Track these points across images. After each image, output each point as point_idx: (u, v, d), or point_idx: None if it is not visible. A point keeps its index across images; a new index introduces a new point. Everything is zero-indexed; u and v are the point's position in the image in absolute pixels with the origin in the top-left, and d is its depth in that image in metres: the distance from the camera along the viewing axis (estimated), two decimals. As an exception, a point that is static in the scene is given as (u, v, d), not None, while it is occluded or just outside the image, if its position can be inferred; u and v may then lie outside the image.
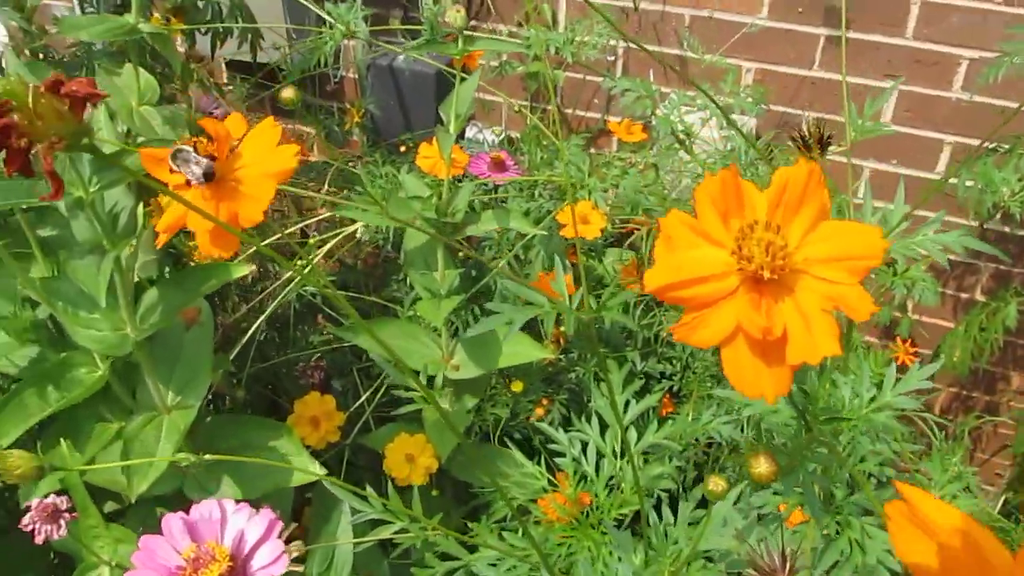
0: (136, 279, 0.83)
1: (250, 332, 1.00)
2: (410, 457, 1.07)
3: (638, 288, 1.31)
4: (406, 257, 1.12)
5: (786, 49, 1.55)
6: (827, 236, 0.38)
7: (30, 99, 0.34)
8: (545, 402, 1.37)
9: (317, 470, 0.88)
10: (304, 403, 1.08)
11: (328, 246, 1.13)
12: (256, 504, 0.87)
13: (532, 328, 1.33)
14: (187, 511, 0.54)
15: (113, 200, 0.72)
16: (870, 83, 1.51)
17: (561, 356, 1.24)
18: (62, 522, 0.71)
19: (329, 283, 1.17)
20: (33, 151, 0.35)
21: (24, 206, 0.70)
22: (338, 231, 1.21)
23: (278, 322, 1.29)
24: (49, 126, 0.35)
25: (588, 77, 1.66)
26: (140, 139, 1.12)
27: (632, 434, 0.86)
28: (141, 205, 0.82)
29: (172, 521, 0.54)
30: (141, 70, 1.09)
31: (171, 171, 0.41)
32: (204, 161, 0.41)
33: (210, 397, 1.15)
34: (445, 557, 0.88)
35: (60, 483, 0.76)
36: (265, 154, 0.43)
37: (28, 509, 0.72)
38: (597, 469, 0.87)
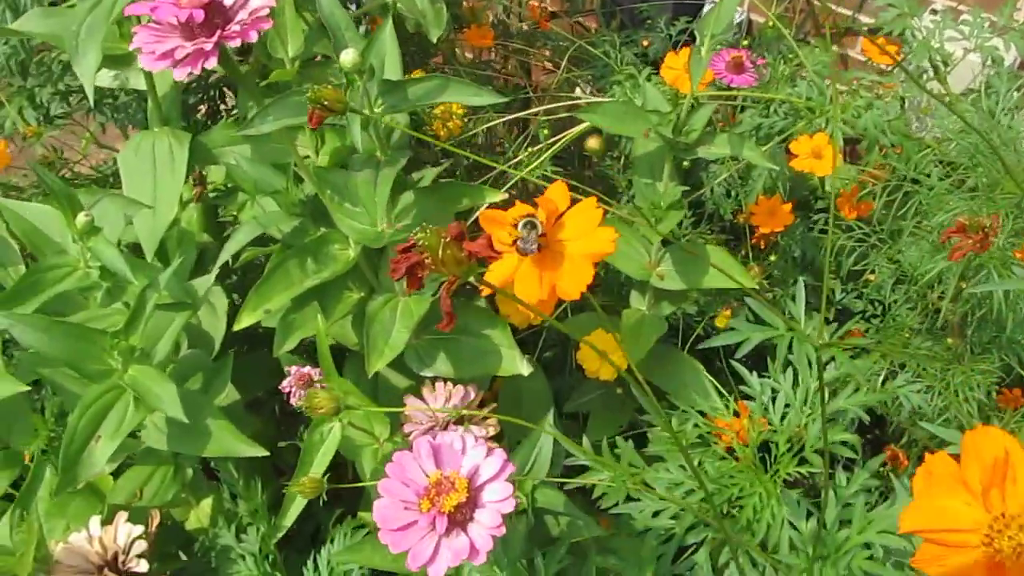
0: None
1: (475, 215, 1.06)
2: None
3: (852, 218, 1.28)
4: (633, 162, 1.14)
5: (1079, -26, 1.41)
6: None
7: (440, 248, 0.40)
8: (736, 304, 1.40)
9: (523, 369, 0.96)
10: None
11: (558, 146, 1.16)
12: (463, 382, 0.97)
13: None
14: (433, 436, 0.63)
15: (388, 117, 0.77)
16: None
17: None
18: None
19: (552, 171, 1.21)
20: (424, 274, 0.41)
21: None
22: (567, 118, 1.23)
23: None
24: (449, 268, 0.41)
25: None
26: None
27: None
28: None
29: (422, 444, 0.62)
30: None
31: (511, 236, 0.46)
32: (535, 238, 0.45)
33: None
34: (619, 456, 0.94)
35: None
36: (586, 232, 0.47)
37: (288, 374, 0.84)
38: (782, 420, 0.90)
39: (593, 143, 0.51)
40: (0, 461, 0.90)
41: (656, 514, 0.87)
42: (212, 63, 0.68)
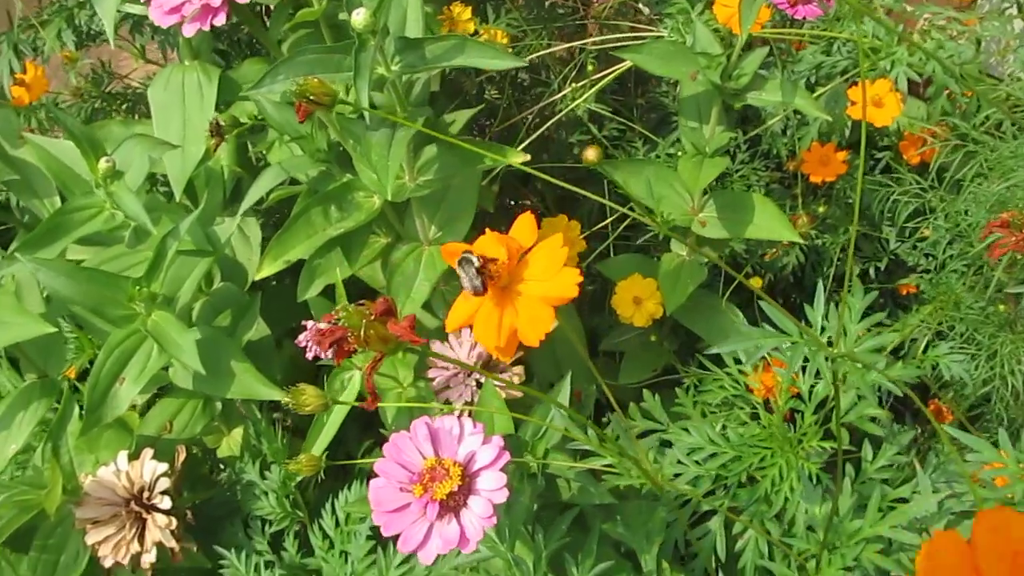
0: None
1: (502, 166, 1.02)
2: (637, 300, 1.11)
3: (916, 162, 1.21)
4: (679, 104, 1.09)
5: None
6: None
7: (362, 328, 0.38)
8: (784, 244, 1.35)
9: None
10: (550, 224, 1.13)
11: (605, 81, 1.11)
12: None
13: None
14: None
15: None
16: None
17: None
18: (330, 345, 0.82)
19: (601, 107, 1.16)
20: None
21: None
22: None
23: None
24: (373, 346, 0.39)
25: None
26: None
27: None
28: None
29: (419, 427, 0.62)
30: None
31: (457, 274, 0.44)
32: (478, 278, 0.42)
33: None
34: (647, 415, 0.93)
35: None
36: (549, 272, 0.44)
37: (304, 328, 0.84)
38: (810, 392, 0.87)
39: (591, 155, 0.47)
40: (38, 389, 0.93)
41: (676, 476, 0.86)
42: (221, 20, 0.66)
